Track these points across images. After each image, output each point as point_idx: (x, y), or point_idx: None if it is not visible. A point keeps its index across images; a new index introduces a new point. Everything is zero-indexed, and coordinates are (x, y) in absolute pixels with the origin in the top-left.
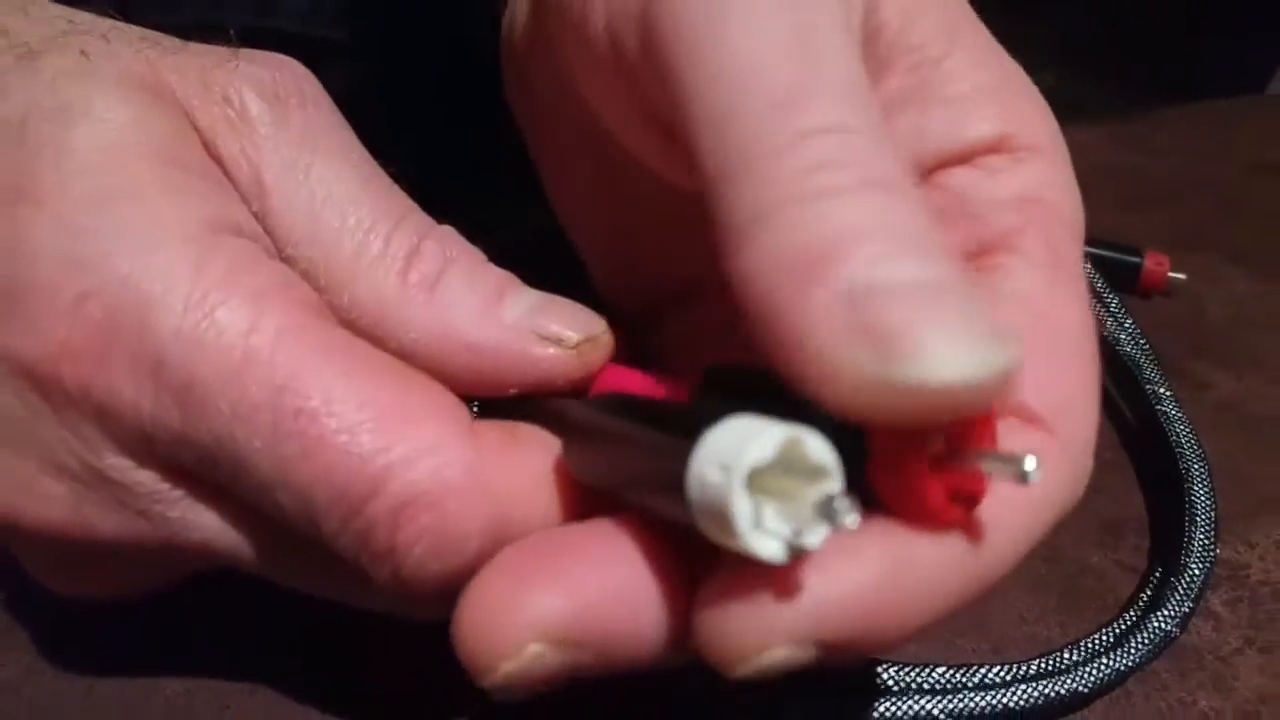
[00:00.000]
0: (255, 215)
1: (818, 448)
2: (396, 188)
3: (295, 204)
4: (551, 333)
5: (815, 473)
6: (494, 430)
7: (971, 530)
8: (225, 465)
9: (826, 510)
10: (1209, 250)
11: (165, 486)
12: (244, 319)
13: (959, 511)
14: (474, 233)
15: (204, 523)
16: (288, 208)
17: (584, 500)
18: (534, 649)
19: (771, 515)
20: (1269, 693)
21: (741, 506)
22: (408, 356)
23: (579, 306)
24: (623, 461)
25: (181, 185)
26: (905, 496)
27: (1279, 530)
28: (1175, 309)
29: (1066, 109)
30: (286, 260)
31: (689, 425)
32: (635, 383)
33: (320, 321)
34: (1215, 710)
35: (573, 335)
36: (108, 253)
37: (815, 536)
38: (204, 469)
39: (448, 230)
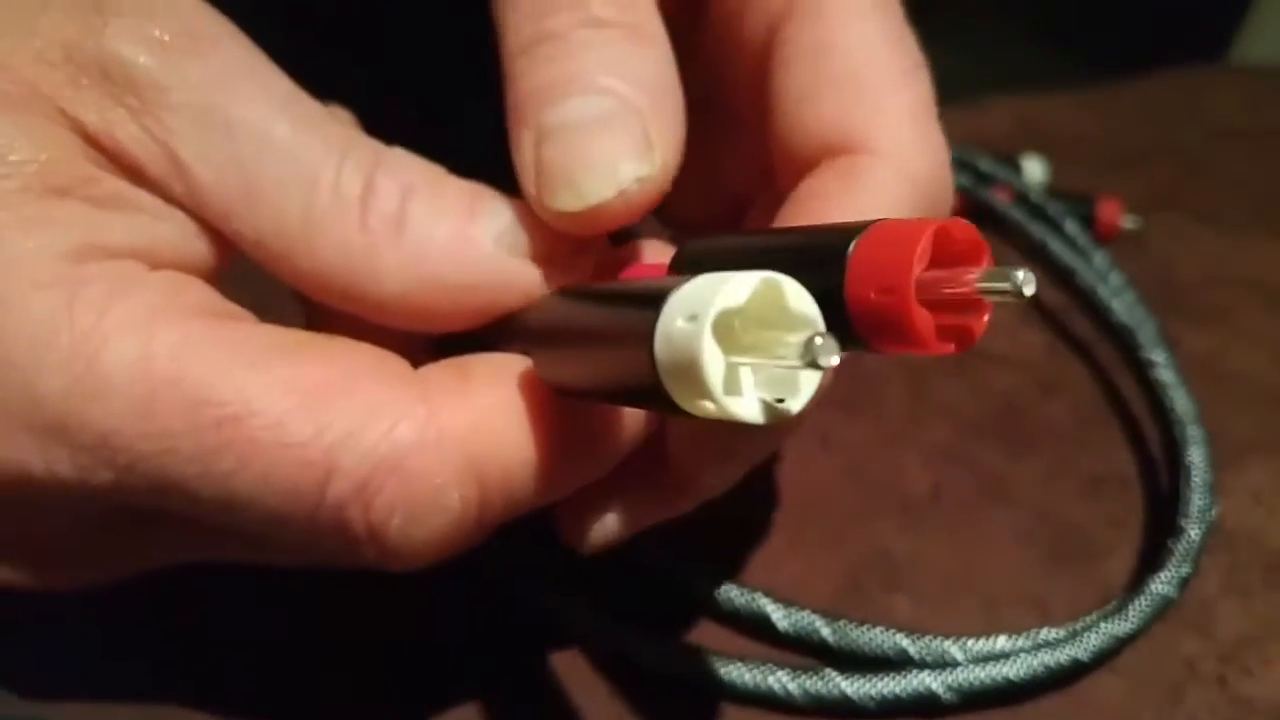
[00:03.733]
0: (180, 199)
1: (795, 292)
2: (328, 113)
3: (223, 172)
4: (540, 248)
5: (794, 322)
6: (441, 372)
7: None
8: (173, 500)
9: (808, 351)
10: (1176, 211)
11: (120, 531)
12: (134, 350)
13: (949, 345)
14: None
15: (175, 547)
16: (216, 179)
17: (559, 413)
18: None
19: (748, 380)
20: (1249, 635)
21: (711, 353)
22: (388, 311)
23: None
24: (589, 350)
25: (40, 219)
26: (891, 331)
27: (1251, 479)
28: (1145, 268)
29: (1037, 80)
30: (233, 235)
31: (652, 292)
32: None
33: (216, 322)
34: (1199, 654)
35: (563, 245)
36: None
37: (798, 399)
38: (154, 506)
39: (397, 153)
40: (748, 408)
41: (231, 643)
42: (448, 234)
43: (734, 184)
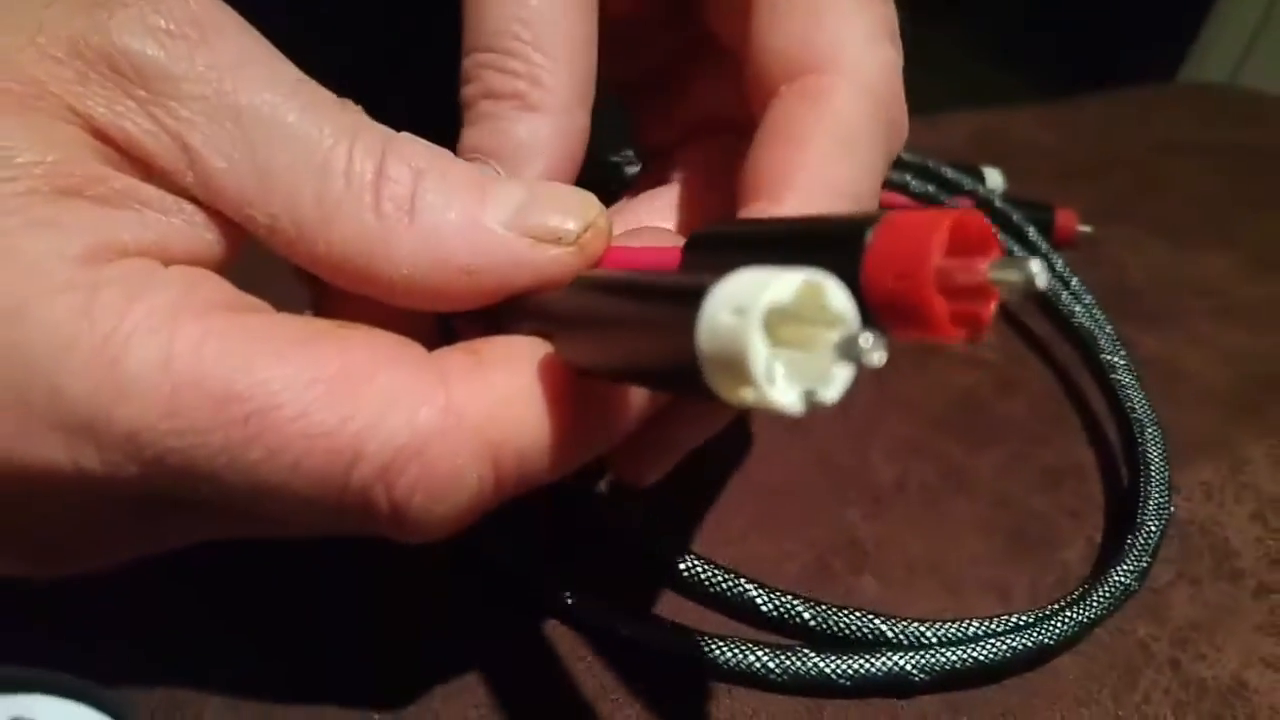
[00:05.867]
0: (191, 188)
1: (836, 292)
2: (333, 97)
3: (235, 160)
4: (549, 229)
5: (830, 320)
6: (457, 357)
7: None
8: (202, 490)
9: (849, 350)
10: (1128, 222)
11: (144, 518)
12: (157, 349)
13: (961, 331)
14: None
15: (195, 530)
16: (228, 166)
17: (572, 397)
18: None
19: (781, 372)
20: (1200, 621)
21: (758, 348)
22: (400, 292)
23: (570, 189)
24: (622, 337)
25: (50, 221)
26: (907, 316)
27: (1201, 474)
28: (1100, 275)
29: (994, 96)
30: (246, 222)
31: (690, 287)
32: (626, 259)
33: (235, 315)
34: (1153, 637)
35: (572, 227)
36: None
37: (831, 390)
38: (180, 495)
39: (405, 137)
40: (787, 398)
41: (220, 620)
42: (459, 216)
43: (705, 107)
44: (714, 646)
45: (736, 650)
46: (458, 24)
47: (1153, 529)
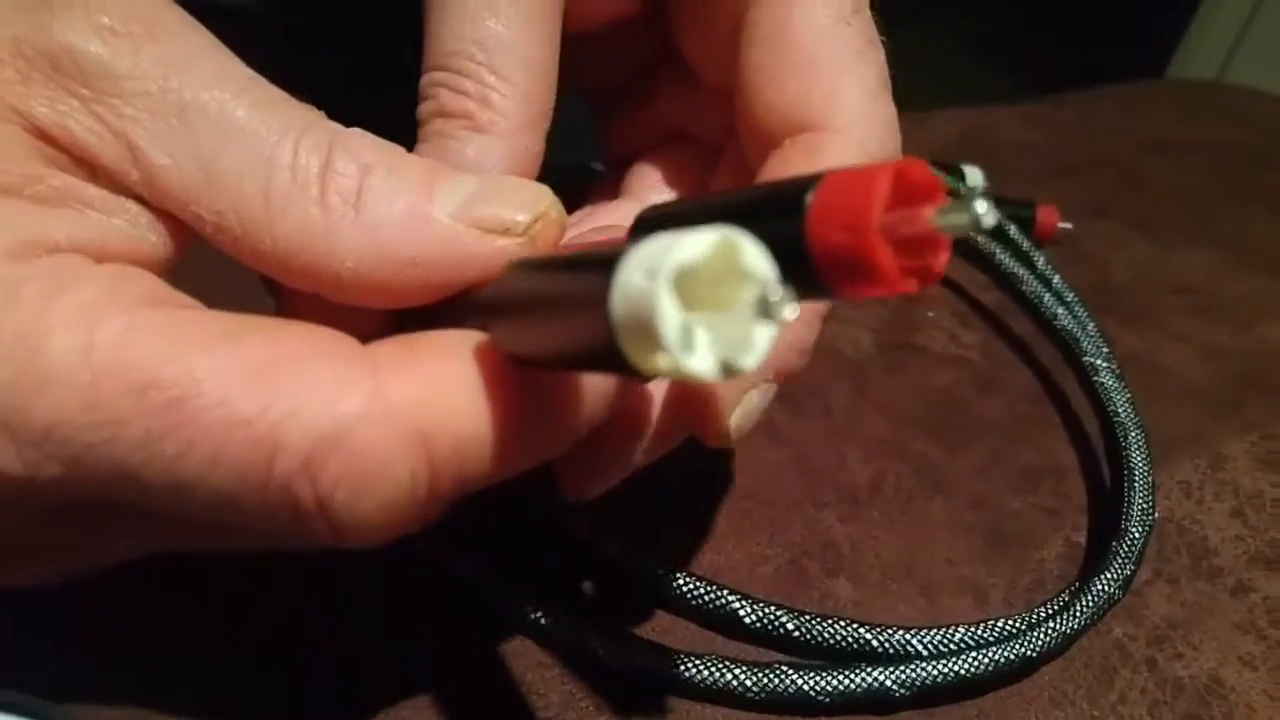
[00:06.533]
0: (136, 186)
1: (752, 250)
2: (284, 95)
3: (179, 156)
4: (498, 221)
5: (750, 279)
6: (389, 347)
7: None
8: (124, 489)
9: (765, 308)
10: (1112, 219)
11: (76, 528)
12: (77, 341)
13: (911, 283)
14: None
15: (129, 540)
16: (173, 163)
17: (512, 386)
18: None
19: (702, 338)
20: (1177, 620)
21: (668, 309)
22: (347, 288)
23: (520, 181)
24: (547, 313)
25: None
26: (856, 271)
27: (1180, 472)
28: (1082, 272)
29: (980, 94)
30: (192, 220)
31: (609, 254)
32: (574, 248)
33: (163, 310)
34: (1129, 636)
35: (522, 218)
36: None
37: (750, 356)
38: (104, 498)
39: (355, 133)
40: (702, 364)
41: (177, 639)
42: (404, 209)
43: (669, 117)
44: (690, 665)
45: (713, 668)
46: None
47: (1136, 536)
